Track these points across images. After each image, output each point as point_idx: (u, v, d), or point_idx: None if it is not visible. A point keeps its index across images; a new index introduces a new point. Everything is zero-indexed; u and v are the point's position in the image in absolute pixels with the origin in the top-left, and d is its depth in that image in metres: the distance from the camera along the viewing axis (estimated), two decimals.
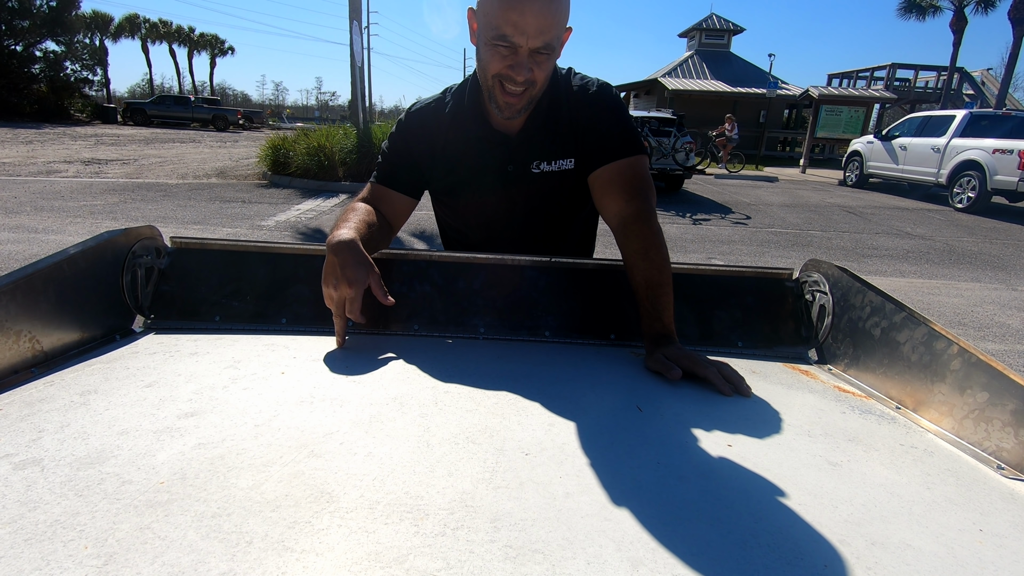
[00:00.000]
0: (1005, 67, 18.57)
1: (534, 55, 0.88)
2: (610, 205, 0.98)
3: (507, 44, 0.87)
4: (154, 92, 49.25)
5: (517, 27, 0.85)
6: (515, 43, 0.87)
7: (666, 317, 0.84)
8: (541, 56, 0.89)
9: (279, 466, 0.50)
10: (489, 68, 0.91)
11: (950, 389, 0.69)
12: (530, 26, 0.85)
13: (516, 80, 0.90)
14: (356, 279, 0.80)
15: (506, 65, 0.89)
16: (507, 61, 0.89)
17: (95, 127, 21.67)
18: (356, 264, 0.81)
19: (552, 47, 0.89)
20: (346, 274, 0.79)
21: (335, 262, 0.81)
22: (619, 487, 0.50)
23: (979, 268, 5.67)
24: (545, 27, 0.85)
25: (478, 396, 0.68)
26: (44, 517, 0.42)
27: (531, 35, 0.86)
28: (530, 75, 0.90)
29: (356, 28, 8.65)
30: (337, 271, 0.80)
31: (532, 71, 0.90)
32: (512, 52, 0.88)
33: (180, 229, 5.60)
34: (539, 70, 0.91)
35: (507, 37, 0.86)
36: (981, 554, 0.44)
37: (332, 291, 0.80)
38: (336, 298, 0.80)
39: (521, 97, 0.93)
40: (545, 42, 0.87)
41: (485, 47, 0.91)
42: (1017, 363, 3.27)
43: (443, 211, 1.19)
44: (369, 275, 0.81)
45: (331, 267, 0.81)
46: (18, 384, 0.66)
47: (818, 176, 15.63)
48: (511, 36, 0.86)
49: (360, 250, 0.82)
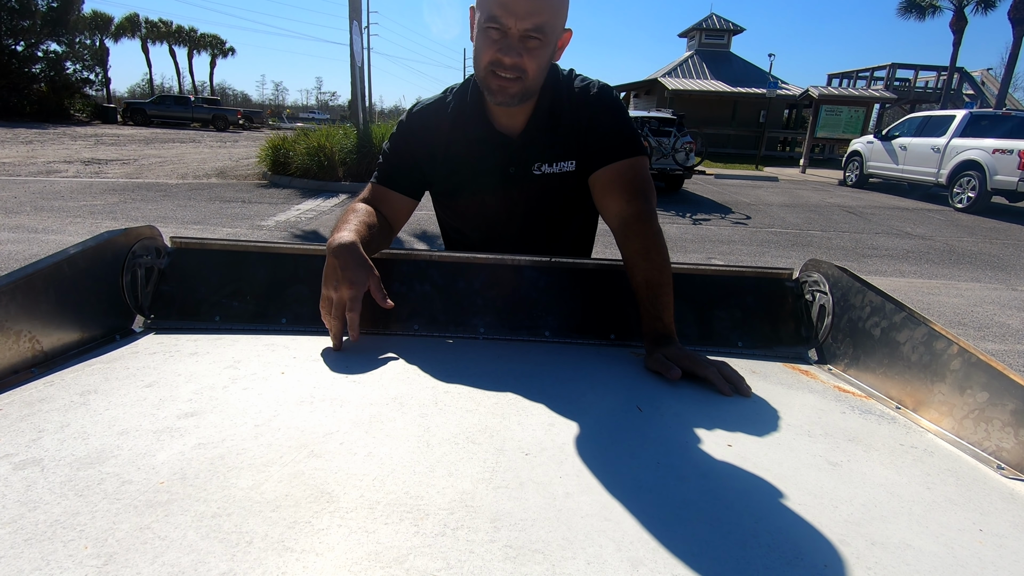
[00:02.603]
0: (1005, 67, 18.60)
1: (524, 40, 0.88)
2: (610, 205, 0.98)
3: (497, 27, 0.87)
4: (154, 92, 49.23)
5: (506, 8, 0.85)
6: (504, 24, 0.86)
7: (666, 317, 0.84)
8: (532, 42, 0.88)
9: (279, 466, 0.50)
10: (482, 55, 0.92)
11: (950, 389, 0.69)
12: (519, 7, 0.85)
13: (504, 63, 0.89)
14: (356, 281, 0.80)
15: (496, 49, 0.89)
16: (497, 45, 0.89)
17: (95, 127, 21.66)
18: (356, 266, 0.81)
19: (543, 32, 0.88)
20: (347, 276, 0.80)
21: (335, 264, 0.81)
22: (619, 487, 0.50)
23: (979, 268, 5.67)
24: (534, 9, 0.85)
25: (478, 396, 0.68)
26: (44, 517, 0.42)
27: (520, 16, 0.85)
28: (519, 59, 0.89)
29: (356, 28, 8.65)
30: (337, 273, 0.80)
31: (522, 56, 0.89)
32: (502, 35, 0.88)
33: (180, 229, 5.61)
34: (529, 57, 0.90)
35: (497, 19, 0.86)
36: (981, 554, 0.44)
37: (332, 292, 0.80)
38: (336, 299, 0.80)
39: (514, 83, 0.92)
40: (535, 24, 0.86)
41: (479, 35, 0.91)
42: (1017, 363, 3.27)
43: (444, 211, 1.19)
44: (369, 277, 0.81)
45: (331, 269, 0.81)
46: (18, 384, 0.66)
47: (818, 176, 15.62)
48: (501, 17, 0.86)
49: (360, 252, 0.83)
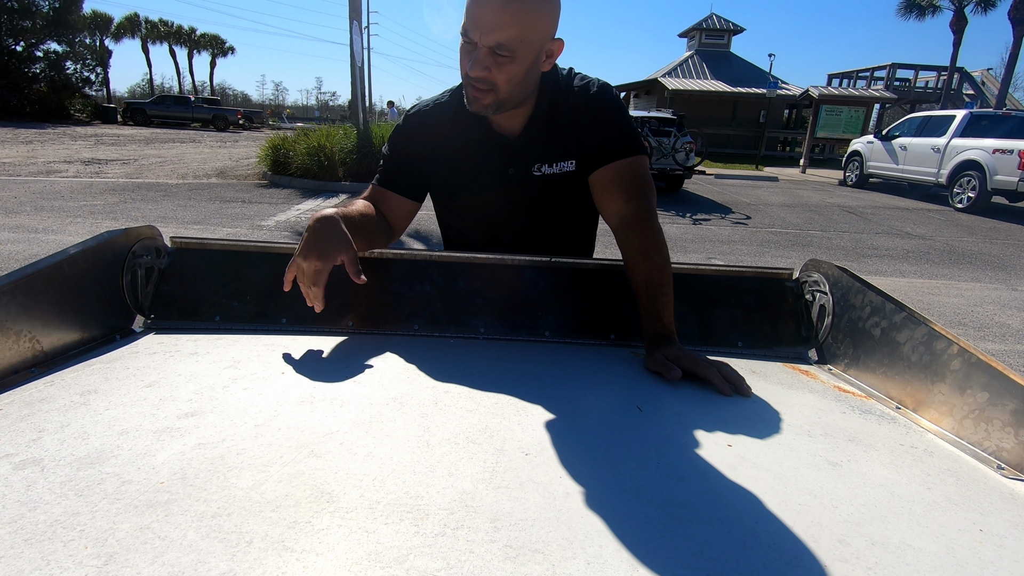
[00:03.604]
0: (1005, 67, 18.58)
1: (492, 55, 0.87)
2: (610, 205, 0.98)
3: (467, 40, 0.87)
4: (154, 92, 49.24)
5: (474, 21, 0.85)
6: (472, 37, 0.86)
7: (666, 317, 0.84)
8: (500, 58, 0.87)
9: (279, 466, 0.50)
10: (461, 66, 0.92)
11: (950, 389, 0.69)
12: (483, 21, 0.84)
13: (471, 76, 0.89)
14: (326, 254, 0.79)
15: (467, 60, 0.89)
16: (469, 57, 0.89)
17: (95, 127, 21.66)
18: (331, 238, 0.81)
19: (509, 48, 0.86)
20: (317, 246, 0.80)
21: (311, 235, 0.81)
22: (619, 487, 0.50)
23: (979, 268, 5.66)
24: (497, 25, 0.84)
25: (478, 396, 0.68)
26: (44, 517, 0.42)
27: (483, 31, 0.85)
28: (486, 73, 0.88)
29: (356, 28, 8.64)
30: (310, 243, 0.80)
31: (489, 70, 0.88)
32: (473, 47, 0.88)
33: (180, 229, 5.61)
34: (497, 71, 0.88)
35: (467, 32, 0.87)
36: (981, 554, 0.44)
37: (302, 261, 0.80)
38: (306, 268, 0.79)
39: (486, 94, 0.91)
40: (497, 41, 0.85)
41: (461, 45, 0.91)
42: (1017, 363, 3.27)
43: (444, 212, 1.19)
44: (344, 251, 0.81)
45: (307, 239, 0.81)
46: (18, 384, 0.66)
47: (818, 176, 15.62)
48: (470, 31, 0.86)
49: (339, 227, 0.82)
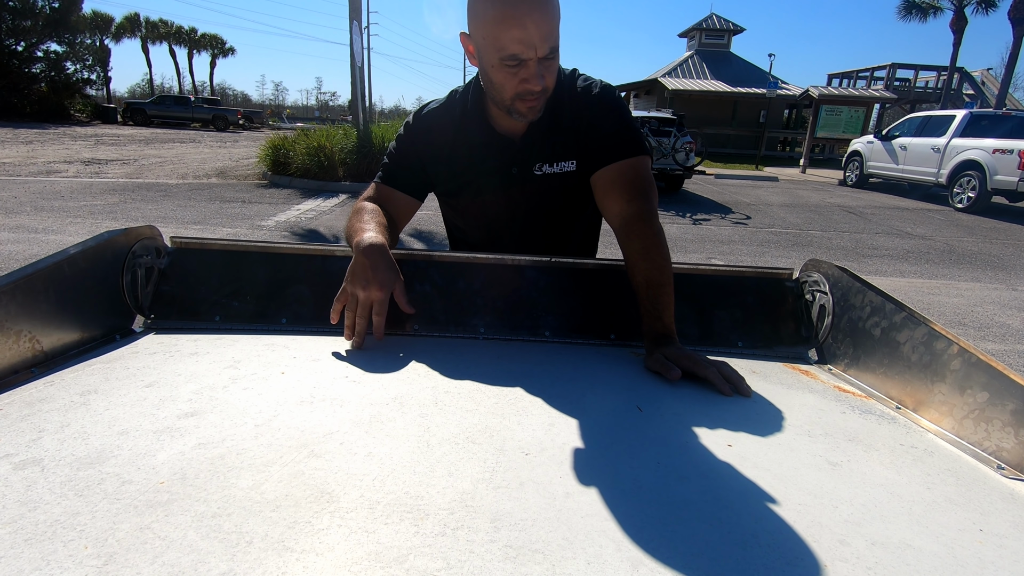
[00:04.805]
0: (1005, 67, 18.59)
1: (543, 62, 0.89)
2: (612, 205, 0.98)
3: (518, 61, 0.88)
4: (154, 92, 49.25)
5: (524, 43, 0.85)
6: (526, 57, 0.87)
7: (666, 317, 0.84)
8: (549, 61, 0.90)
9: (279, 466, 0.50)
10: (505, 90, 0.92)
11: (950, 389, 0.69)
12: (535, 37, 0.85)
13: (534, 92, 0.90)
14: (386, 283, 0.82)
15: (520, 80, 0.90)
16: (520, 76, 0.89)
17: (95, 127, 21.66)
18: (387, 269, 0.84)
19: (556, 49, 0.89)
20: (377, 277, 0.82)
21: (366, 264, 0.83)
22: (619, 487, 0.50)
23: (979, 268, 5.66)
24: (548, 33, 0.86)
25: (478, 396, 0.68)
26: (44, 517, 0.42)
27: (539, 45, 0.86)
28: (544, 83, 0.90)
29: (356, 28, 8.64)
30: (368, 273, 0.82)
31: (545, 78, 0.90)
32: (523, 67, 0.89)
33: (180, 229, 5.61)
34: (549, 75, 0.91)
35: (517, 56, 0.87)
36: (981, 554, 0.44)
37: (359, 291, 0.82)
38: (362, 299, 0.82)
39: (540, 99, 0.94)
40: (551, 47, 0.88)
41: (495, 70, 0.91)
42: (1017, 363, 3.27)
43: (449, 211, 1.21)
44: (396, 282, 0.84)
45: (360, 268, 0.83)
46: (18, 384, 0.66)
47: (818, 176, 15.62)
48: (521, 54, 0.86)
49: (389, 256, 0.86)
